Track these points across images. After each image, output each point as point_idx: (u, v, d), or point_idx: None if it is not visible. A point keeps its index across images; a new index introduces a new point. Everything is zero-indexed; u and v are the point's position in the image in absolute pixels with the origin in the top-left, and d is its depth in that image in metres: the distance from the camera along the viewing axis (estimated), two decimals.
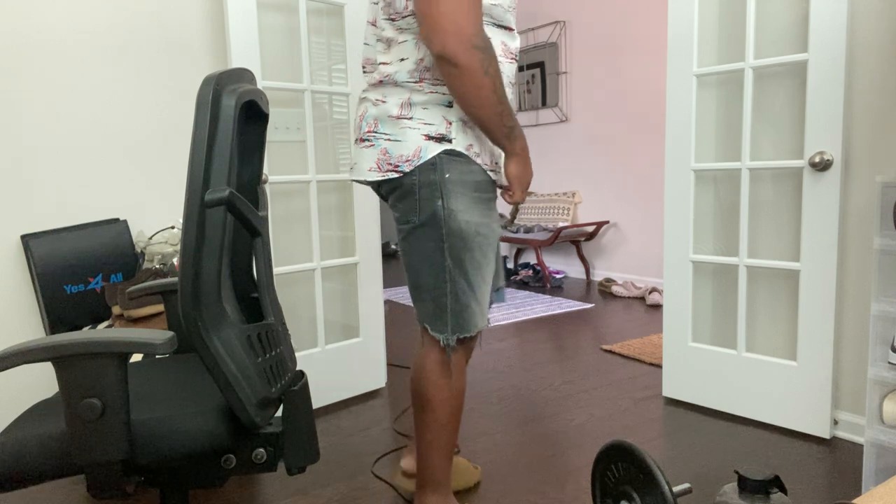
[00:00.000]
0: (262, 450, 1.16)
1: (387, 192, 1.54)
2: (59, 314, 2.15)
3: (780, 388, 2.25)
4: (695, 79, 2.36)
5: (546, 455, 2.13)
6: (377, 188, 1.57)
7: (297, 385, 1.20)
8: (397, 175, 1.47)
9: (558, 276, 5.30)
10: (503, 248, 6.34)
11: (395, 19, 1.48)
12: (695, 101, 2.37)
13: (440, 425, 1.58)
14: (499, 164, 1.62)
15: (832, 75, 2.03)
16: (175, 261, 2.17)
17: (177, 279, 1.50)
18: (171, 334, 1.00)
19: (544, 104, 5.69)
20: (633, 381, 2.82)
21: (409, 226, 1.50)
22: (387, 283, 5.63)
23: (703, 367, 2.45)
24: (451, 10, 1.31)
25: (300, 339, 2.59)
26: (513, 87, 1.57)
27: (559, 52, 5.51)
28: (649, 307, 4.34)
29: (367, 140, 1.52)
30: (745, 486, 1.05)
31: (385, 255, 7.54)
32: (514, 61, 1.56)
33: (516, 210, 5.98)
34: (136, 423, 1.07)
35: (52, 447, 1.03)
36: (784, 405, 2.25)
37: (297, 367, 2.45)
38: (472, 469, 1.96)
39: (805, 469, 1.97)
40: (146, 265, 2.24)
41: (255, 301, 1.35)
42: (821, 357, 2.15)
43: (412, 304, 4.78)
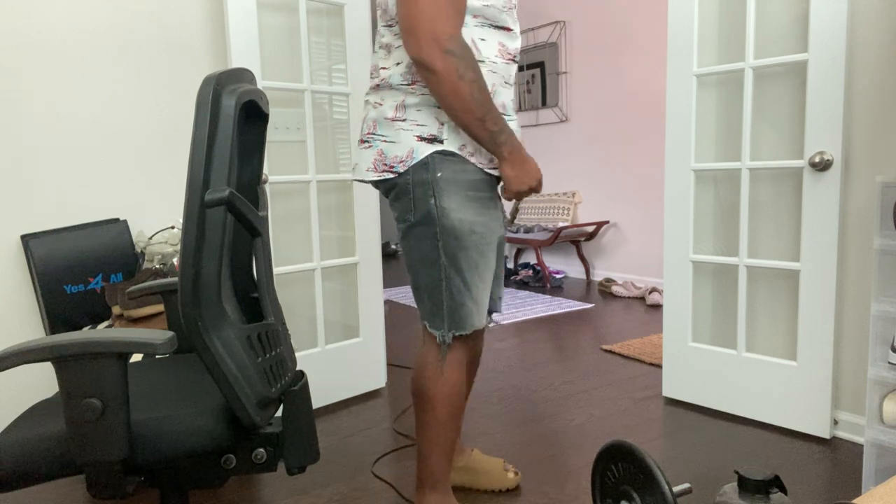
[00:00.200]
0: (262, 450, 1.16)
1: (384, 191, 1.57)
2: (59, 314, 2.15)
3: (780, 388, 2.25)
4: (695, 79, 2.36)
5: (546, 455, 2.13)
6: (378, 188, 1.60)
7: (297, 385, 1.21)
8: (392, 175, 1.50)
9: (558, 276, 5.30)
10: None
11: (391, 25, 1.51)
12: (695, 101, 2.37)
13: (439, 423, 1.59)
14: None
15: (832, 75, 2.03)
16: (175, 261, 2.17)
17: (177, 279, 1.50)
18: (171, 334, 1.00)
19: (544, 104, 5.69)
20: (633, 381, 2.82)
21: (406, 225, 1.53)
22: (387, 283, 5.63)
23: (703, 367, 2.45)
24: (426, 14, 1.31)
25: (300, 339, 2.59)
26: (512, 87, 1.57)
27: (559, 52, 5.51)
28: (649, 307, 4.34)
29: (366, 142, 1.55)
30: (745, 486, 1.05)
31: (385, 255, 7.54)
32: (512, 62, 1.55)
33: (516, 210, 5.98)
34: (136, 423, 1.07)
35: (52, 447, 1.03)
36: (784, 405, 2.25)
37: (297, 367, 2.45)
38: (503, 472, 1.92)
39: (805, 469, 1.97)
40: (146, 265, 2.24)
41: (255, 301, 1.35)
42: (821, 357, 2.15)
43: (415, 304, 4.79)
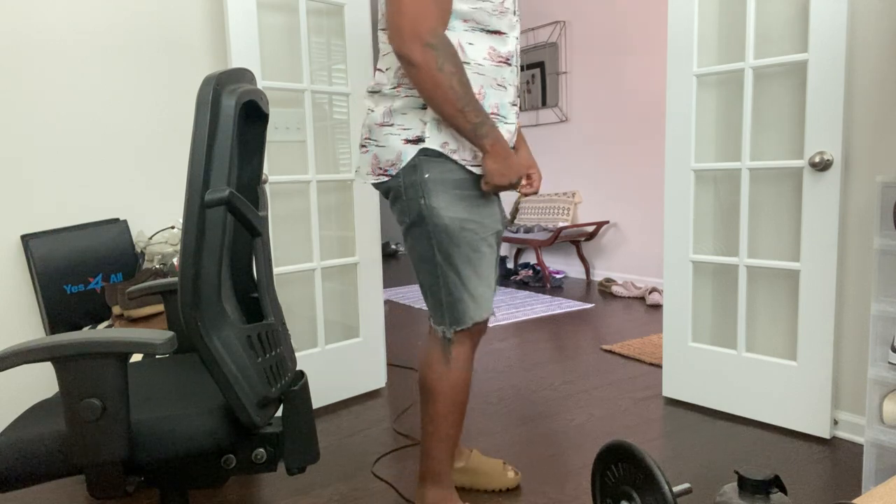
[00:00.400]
0: (262, 450, 1.16)
1: (384, 194, 1.62)
2: (59, 314, 2.15)
3: (780, 388, 2.25)
4: (695, 79, 2.36)
5: (546, 455, 2.13)
6: (379, 190, 1.65)
7: (297, 385, 1.21)
8: (387, 178, 1.56)
9: (558, 276, 5.30)
10: (503, 249, 6.34)
11: (385, 28, 1.54)
12: (695, 101, 2.37)
13: (441, 416, 1.63)
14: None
15: (832, 75, 2.03)
16: (175, 261, 2.17)
17: (177, 279, 1.50)
18: (171, 334, 1.00)
19: (544, 104, 5.69)
20: (633, 381, 2.82)
21: (405, 226, 1.58)
22: (387, 283, 5.63)
23: (703, 367, 2.45)
24: (409, 11, 1.38)
25: (300, 339, 2.59)
26: (506, 90, 1.58)
27: (559, 52, 5.51)
28: (649, 307, 4.34)
29: (364, 146, 1.62)
30: (745, 486, 1.05)
31: (385, 255, 7.54)
32: (504, 64, 1.56)
33: (517, 210, 5.98)
34: (136, 423, 1.07)
35: (52, 447, 1.03)
36: (784, 405, 2.25)
37: (297, 367, 2.45)
38: (503, 472, 1.91)
39: (805, 469, 1.97)
40: (146, 265, 2.24)
41: (255, 301, 1.35)
42: (821, 357, 2.15)
43: (415, 303, 4.78)
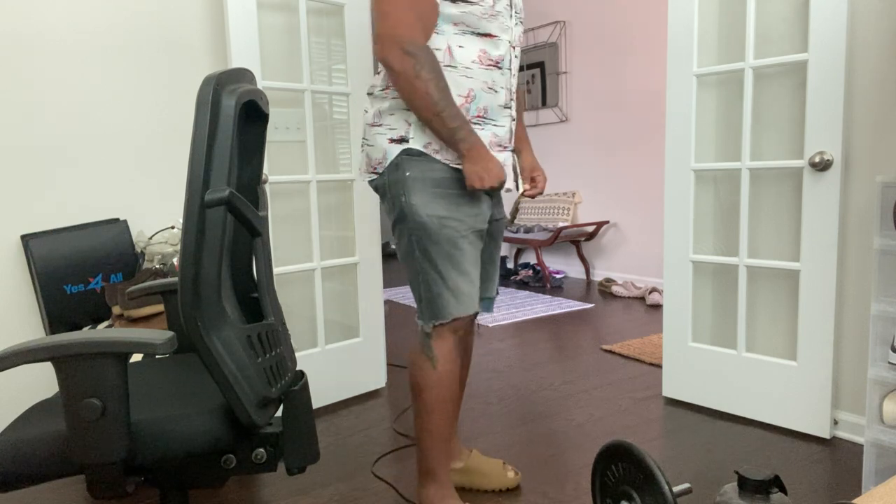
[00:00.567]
0: (262, 450, 1.16)
1: (375, 190, 1.67)
2: (59, 314, 2.15)
3: (780, 388, 2.25)
4: (695, 79, 2.36)
5: (546, 455, 2.13)
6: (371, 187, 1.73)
7: (297, 385, 1.21)
8: (375, 176, 1.62)
9: (558, 276, 5.30)
10: (503, 249, 6.34)
11: None
12: (695, 101, 2.37)
13: (426, 411, 1.65)
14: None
15: (832, 75, 2.03)
16: (175, 261, 2.17)
17: (177, 279, 1.50)
18: (171, 334, 1.00)
19: (544, 104, 5.69)
20: (633, 381, 2.82)
21: (392, 223, 1.63)
22: (387, 283, 5.63)
23: (703, 367, 2.45)
24: (391, 21, 1.44)
25: (300, 339, 2.59)
26: (499, 93, 1.58)
27: (559, 52, 5.51)
28: (649, 307, 4.34)
29: (361, 146, 1.68)
30: (745, 486, 1.05)
31: (385, 255, 7.54)
32: (493, 68, 1.56)
33: (517, 210, 5.98)
34: (136, 424, 1.07)
35: (52, 447, 1.03)
36: (784, 405, 2.25)
37: (297, 367, 2.45)
38: (502, 472, 1.90)
39: (805, 469, 1.97)
40: (146, 265, 2.24)
41: (255, 301, 1.35)
42: (821, 357, 2.15)
43: (414, 304, 4.78)
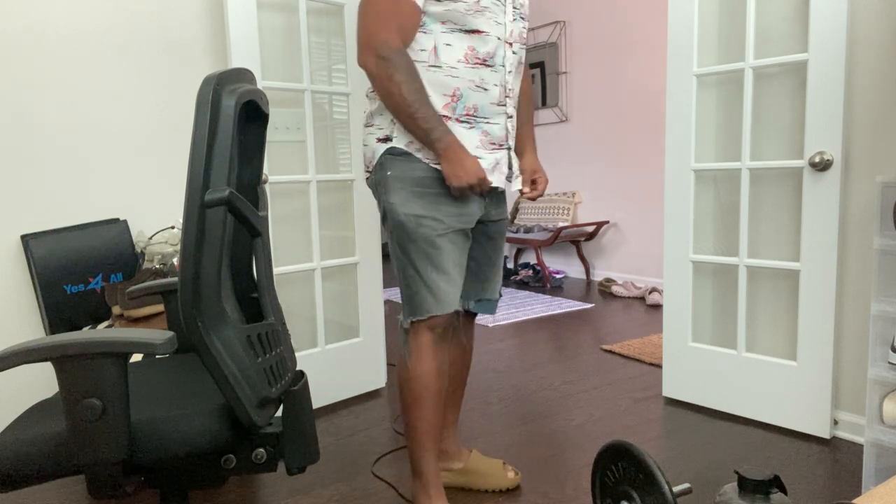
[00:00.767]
0: (262, 450, 1.16)
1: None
2: (59, 314, 2.15)
3: (780, 388, 2.25)
4: (695, 79, 2.36)
5: (546, 455, 2.13)
6: None
7: (297, 385, 1.20)
8: (368, 174, 1.67)
9: (558, 276, 5.30)
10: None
11: None
12: (695, 101, 2.37)
13: (406, 407, 1.66)
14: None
15: (832, 75, 2.03)
16: (175, 261, 2.17)
17: (177, 279, 1.50)
18: (171, 334, 1.00)
19: (544, 104, 5.69)
20: (633, 381, 2.82)
21: (381, 222, 1.67)
22: (387, 283, 5.63)
23: (703, 367, 2.45)
24: (368, 27, 1.49)
25: (300, 339, 2.59)
26: (488, 91, 1.58)
27: (559, 52, 5.51)
28: (649, 307, 4.34)
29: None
30: (745, 486, 1.05)
31: (385, 255, 7.54)
32: (480, 66, 1.56)
33: (516, 210, 5.98)
34: (136, 423, 1.07)
35: (52, 447, 1.03)
36: (784, 405, 2.25)
37: (297, 367, 2.45)
38: (502, 472, 1.90)
39: (805, 469, 1.97)
40: (146, 265, 2.24)
41: (255, 301, 1.35)
42: (821, 357, 2.15)
43: None
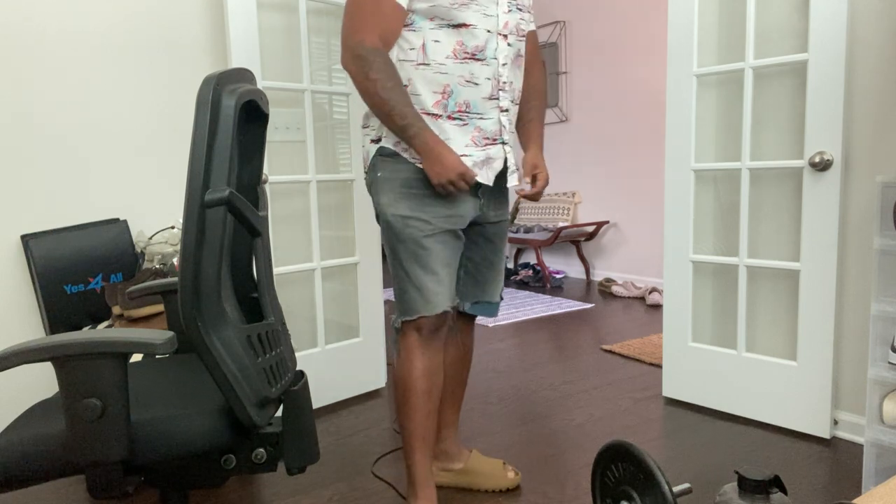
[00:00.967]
0: (262, 450, 1.16)
1: None
2: (59, 314, 2.15)
3: (780, 388, 2.25)
4: (695, 79, 2.36)
5: (546, 455, 2.13)
6: None
7: (297, 385, 1.20)
8: (366, 175, 1.68)
9: (558, 276, 5.30)
10: None
11: None
12: (695, 101, 2.37)
13: (397, 405, 1.68)
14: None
15: (832, 75, 2.03)
16: (175, 261, 2.17)
17: (177, 279, 1.50)
18: (171, 334, 1.00)
19: None
20: (633, 381, 2.82)
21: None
22: (387, 283, 5.63)
23: (703, 367, 2.45)
24: (348, 28, 1.53)
25: (300, 339, 2.59)
26: (479, 86, 1.57)
27: (559, 52, 5.51)
28: (649, 307, 4.34)
29: None
30: (745, 486, 1.05)
31: (385, 256, 7.53)
32: (469, 60, 1.55)
33: (516, 210, 5.98)
34: (136, 424, 1.07)
35: (52, 447, 1.03)
36: (784, 405, 2.25)
37: (297, 367, 2.45)
38: (503, 472, 1.89)
39: (805, 469, 1.97)
40: (146, 265, 2.24)
41: (255, 301, 1.35)
42: (821, 357, 2.15)
43: None
